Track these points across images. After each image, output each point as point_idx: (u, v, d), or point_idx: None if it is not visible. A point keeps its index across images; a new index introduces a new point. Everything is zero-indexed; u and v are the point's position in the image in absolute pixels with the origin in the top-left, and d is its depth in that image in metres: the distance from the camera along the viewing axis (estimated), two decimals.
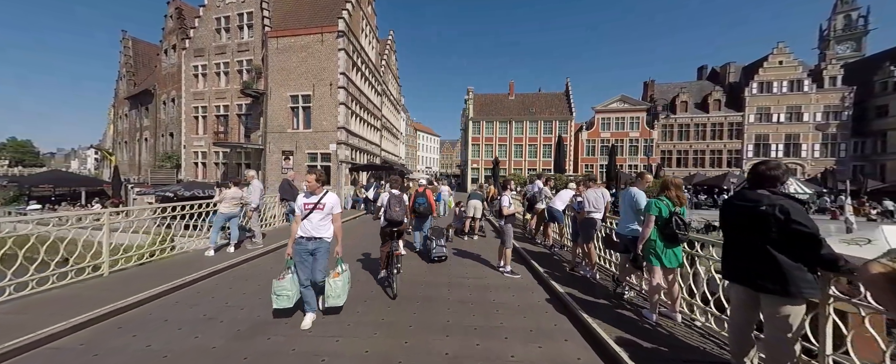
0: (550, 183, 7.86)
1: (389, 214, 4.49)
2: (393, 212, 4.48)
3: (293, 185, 9.10)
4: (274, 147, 15.36)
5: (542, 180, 8.43)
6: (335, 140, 14.79)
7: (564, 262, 5.79)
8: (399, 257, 4.35)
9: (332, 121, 14.79)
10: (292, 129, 15.27)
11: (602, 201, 4.83)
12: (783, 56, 32.91)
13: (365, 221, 11.33)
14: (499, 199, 5.59)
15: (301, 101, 15.16)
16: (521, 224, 10.07)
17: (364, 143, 18.66)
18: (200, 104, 18.43)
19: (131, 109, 26.54)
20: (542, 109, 37.31)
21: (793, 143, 32.51)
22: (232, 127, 17.73)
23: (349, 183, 15.77)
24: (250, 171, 6.55)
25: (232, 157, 17.94)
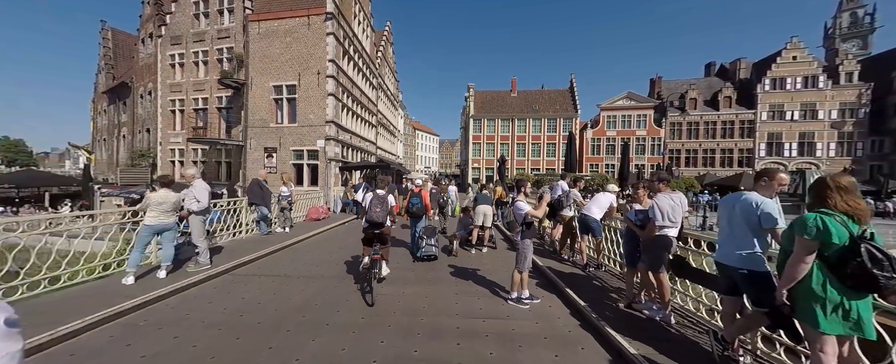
0: (580, 184, 6.33)
1: (369, 215, 4.21)
2: (372, 212, 4.19)
3: (265, 186, 7.58)
4: (255, 143, 13.82)
5: (568, 180, 6.94)
6: (323, 135, 13.25)
7: (610, 292, 4.29)
8: (376, 262, 4.02)
9: (319, 114, 13.26)
10: (276, 124, 13.73)
11: (679, 211, 3.33)
12: (797, 51, 31.61)
13: (354, 227, 9.83)
14: (512, 204, 4.11)
15: (285, 92, 13.62)
16: (538, 233, 8.60)
17: (357, 141, 17.10)
18: (177, 97, 16.84)
19: (110, 105, 24.90)
20: (546, 107, 35.89)
21: (807, 142, 31.23)
22: (211, 122, 16.16)
23: (340, 184, 14.24)
24: (190, 170, 5.01)
25: (211, 154, 16.36)
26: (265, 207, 7.40)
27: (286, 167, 13.66)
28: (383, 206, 4.27)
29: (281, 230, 8.24)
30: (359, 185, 11.86)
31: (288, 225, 8.33)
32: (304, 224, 9.77)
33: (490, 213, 6.97)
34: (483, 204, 6.96)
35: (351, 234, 8.98)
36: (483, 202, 7.00)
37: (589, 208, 5.28)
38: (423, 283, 4.76)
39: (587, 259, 5.37)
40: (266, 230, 7.63)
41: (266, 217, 7.53)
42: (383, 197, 4.35)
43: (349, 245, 7.40)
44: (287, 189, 8.23)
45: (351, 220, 11.34)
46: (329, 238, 8.24)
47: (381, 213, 4.22)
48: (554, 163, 34.76)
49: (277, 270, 5.28)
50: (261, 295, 4.19)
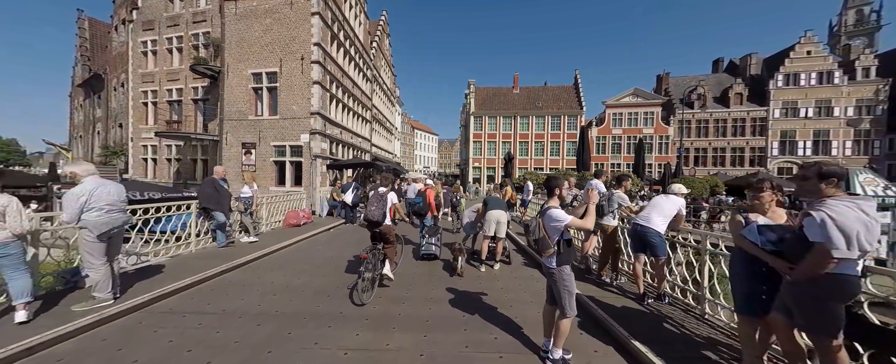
0: (626, 184, 4.86)
1: (366, 213, 4.17)
2: (369, 210, 4.14)
3: (222, 186, 6.07)
4: (232, 138, 12.29)
5: (605, 178, 5.47)
6: (308, 129, 11.73)
7: (698, 344, 2.81)
8: (364, 262, 3.81)
9: (303, 105, 11.75)
10: (255, 116, 12.21)
11: (877, 232, 1.86)
12: (811, 45, 30.34)
13: (339, 234, 8.34)
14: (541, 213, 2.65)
15: (266, 81, 12.10)
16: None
17: (349, 136, 15.58)
18: (150, 88, 15.28)
19: (85, 99, 23.27)
20: (550, 103, 34.47)
21: (822, 140, 29.95)
22: (187, 115, 14.61)
23: (328, 184, 12.73)
24: (73, 166, 3.49)
25: (186, 151, 14.81)
26: (221, 213, 5.90)
27: (266, 165, 12.13)
28: (380, 203, 4.13)
29: (247, 240, 6.74)
30: (348, 186, 10.37)
31: (253, 233, 6.83)
32: (279, 231, 8.27)
33: (504, 221, 5.50)
34: (495, 209, 5.49)
35: (334, 243, 7.48)
36: (494, 206, 5.53)
37: (648, 217, 3.80)
38: (418, 325, 3.28)
39: (645, 287, 3.90)
40: (223, 241, 6.13)
41: (223, 225, 6.03)
42: (382, 195, 4.20)
43: (329, 260, 5.90)
44: (248, 190, 6.72)
45: (338, 225, 9.83)
46: (305, 250, 6.74)
47: (377, 212, 4.10)
48: (558, 162, 33.35)
49: (218, 303, 3.78)
50: (175, 351, 2.71)
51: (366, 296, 3.71)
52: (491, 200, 5.71)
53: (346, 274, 5.12)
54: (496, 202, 5.67)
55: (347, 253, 6.50)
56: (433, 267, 5.71)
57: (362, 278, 3.73)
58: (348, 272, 5.20)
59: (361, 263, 3.86)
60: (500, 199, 5.85)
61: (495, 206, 5.57)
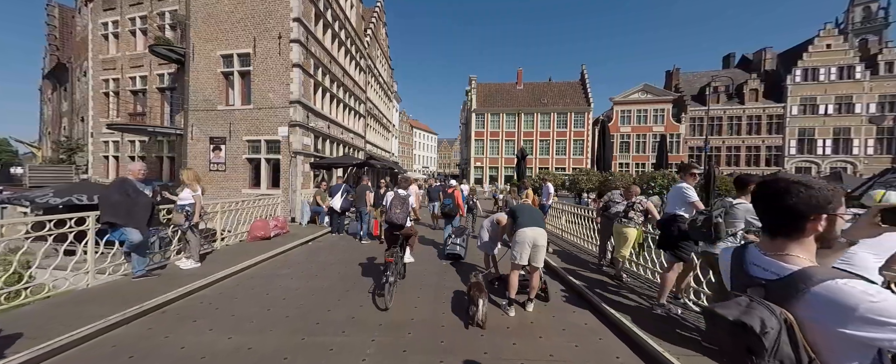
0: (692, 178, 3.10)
1: (388, 216, 4.20)
2: (392, 213, 4.16)
3: (139, 192, 4.28)
4: (198, 132, 10.46)
5: (694, 179, 3.71)
6: (287, 121, 9.92)
7: None
8: (389, 265, 3.82)
9: (282, 92, 9.94)
10: (225, 106, 10.38)
11: None
12: (831, 38, 28.85)
13: (318, 250, 6.49)
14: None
15: (237, 64, 10.27)
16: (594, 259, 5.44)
17: (339, 132, 13.77)
18: (112, 76, 13.41)
19: (53, 91, 21.31)
20: (555, 100, 32.81)
21: (842, 139, 28.46)
22: (152, 106, 12.75)
23: (312, 185, 10.93)
24: None
25: (152, 147, 12.95)
26: (135, 230, 4.10)
27: (238, 163, 10.30)
28: (404, 206, 4.19)
29: (186, 264, 4.94)
30: (336, 188, 8.58)
31: (194, 255, 5.02)
32: (238, 248, 6.45)
33: (543, 243, 3.73)
34: (530, 225, 3.72)
35: (308, 264, 5.60)
36: (529, 222, 3.75)
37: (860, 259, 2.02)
38: None
39: None
40: (141, 269, 4.32)
41: (140, 246, 4.23)
42: (405, 197, 4.27)
43: (292, 297, 4.07)
44: (189, 195, 4.91)
45: (320, 236, 8.02)
46: (263, 277, 4.92)
47: (401, 215, 4.13)
48: (564, 161, 31.69)
49: None
50: None
51: (389, 299, 3.73)
52: (523, 211, 3.94)
53: (319, 326, 3.34)
54: (530, 214, 3.90)
55: (323, 282, 4.72)
56: (441, 303, 3.97)
57: (388, 282, 3.74)
58: (324, 321, 3.42)
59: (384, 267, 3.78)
60: (534, 211, 4.07)
61: (530, 220, 3.79)
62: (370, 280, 4.82)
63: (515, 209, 4.02)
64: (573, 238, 7.43)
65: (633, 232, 4.58)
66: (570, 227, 7.67)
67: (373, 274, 5.11)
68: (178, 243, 5.32)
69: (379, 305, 3.78)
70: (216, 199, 9.99)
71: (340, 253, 6.53)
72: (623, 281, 4.70)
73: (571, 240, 7.50)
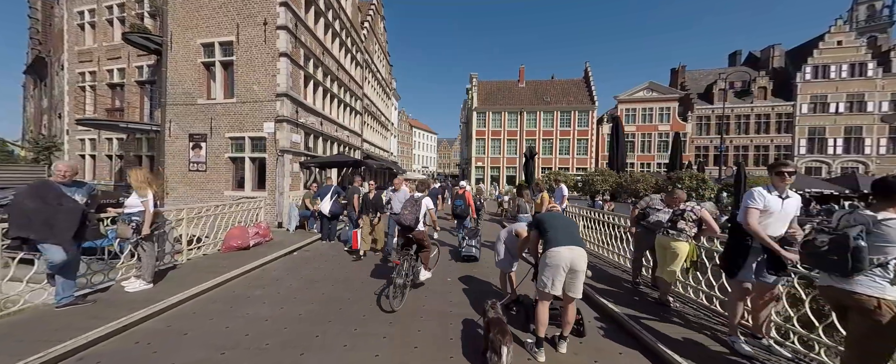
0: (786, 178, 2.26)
1: (399, 217, 4.12)
2: (402, 214, 4.07)
3: (67, 197, 3.36)
4: (177, 128, 9.54)
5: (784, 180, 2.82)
6: (273, 116, 9.01)
7: None
8: (397, 267, 3.76)
9: (267, 84, 9.02)
10: (206, 100, 9.46)
11: None
12: (842, 35, 28.08)
13: (304, 262, 5.56)
14: None
15: (219, 53, 9.35)
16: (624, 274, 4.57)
17: (333, 129, 12.86)
18: (88, 69, 12.47)
19: (36, 88, 20.33)
20: (559, 98, 31.96)
21: (854, 138, 27.69)
22: (130, 101, 11.81)
23: (303, 187, 10.02)
24: None
25: (130, 146, 12.02)
26: (57, 246, 3.19)
27: (220, 162, 9.37)
28: (414, 208, 4.08)
29: (133, 287, 4.03)
30: (325, 190, 7.67)
31: (146, 274, 4.11)
32: (209, 260, 5.54)
33: (583, 267, 2.82)
34: (564, 244, 2.82)
35: (289, 280, 4.61)
36: (563, 239, 2.85)
37: None
38: None
39: None
40: (67, 295, 3.41)
41: (65, 267, 3.32)
42: (417, 199, 4.18)
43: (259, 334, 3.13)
44: (136, 200, 4.01)
45: (307, 245, 7.11)
46: (229, 302, 3.97)
47: (410, 216, 4.03)
48: (568, 161, 30.84)
49: None
50: None
51: (396, 302, 3.63)
52: (554, 223, 3.03)
53: None
54: (564, 228, 2.99)
55: (302, 307, 3.82)
56: (449, 339, 3.10)
57: (394, 284, 3.66)
58: None
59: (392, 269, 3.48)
60: (568, 223, 3.15)
61: (565, 236, 2.89)
62: (361, 305, 3.93)
63: (543, 219, 3.12)
64: (593, 247, 6.55)
65: (685, 247, 3.69)
66: (589, 234, 6.78)
67: (366, 295, 4.22)
68: (133, 259, 4.40)
69: (383, 307, 3.68)
70: (194, 202, 9.09)
71: (329, 266, 5.63)
72: (671, 306, 3.82)
73: (592, 249, 6.62)
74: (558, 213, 3.30)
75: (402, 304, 3.73)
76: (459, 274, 5.21)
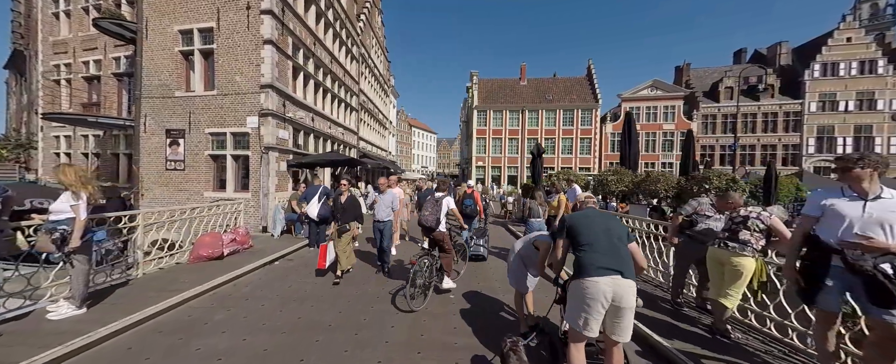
0: None
1: (420, 218, 4.10)
2: (422, 215, 4.04)
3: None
4: (154, 123, 8.73)
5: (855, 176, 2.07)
6: (257, 109, 8.21)
7: None
8: (413, 267, 3.58)
9: (251, 74, 8.23)
10: (184, 92, 8.66)
11: None
12: (852, 31, 27.43)
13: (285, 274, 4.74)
14: None
15: (198, 41, 8.55)
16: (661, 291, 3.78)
17: (326, 126, 12.06)
18: (63, 61, 11.65)
19: (17, 84, 19.46)
20: (561, 96, 31.23)
21: (864, 137, 27.03)
22: (107, 94, 10.99)
23: (290, 187, 9.22)
24: None
25: (107, 144, 11.20)
26: None
27: (199, 160, 8.56)
28: (435, 208, 4.01)
29: (62, 311, 3.24)
30: (312, 191, 6.85)
31: (78, 296, 3.31)
32: (174, 273, 4.75)
33: (631, 303, 2.01)
34: (607, 268, 2.01)
35: (270, 298, 3.66)
36: (606, 259, 2.05)
37: None
38: None
39: None
40: None
41: None
42: (438, 199, 4.10)
43: None
44: (64, 204, 3.21)
45: (291, 253, 6.31)
46: (184, 331, 3.08)
47: (431, 217, 3.97)
48: (571, 160, 30.10)
49: None
50: None
51: (415, 302, 3.58)
52: (588, 227, 2.22)
53: None
54: (603, 236, 2.17)
55: (272, 338, 3.01)
56: None
57: (413, 284, 3.58)
58: None
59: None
60: (609, 226, 2.30)
61: (605, 255, 2.08)
62: (345, 334, 3.15)
63: (576, 223, 2.29)
64: None
65: (751, 263, 2.92)
66: None
67: (350, 320, 3.44)
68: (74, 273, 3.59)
69: (401, 307, 3.64)
70: (172, 204, 8.28)
71: (311, 280, 4.84)
72: (731, 339, 3.04)
73: None
74: (596, 213, 2.45)
75: (422, 305, 3.65)
76: (463, 289, 4.43)
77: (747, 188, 6.50)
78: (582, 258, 2.13)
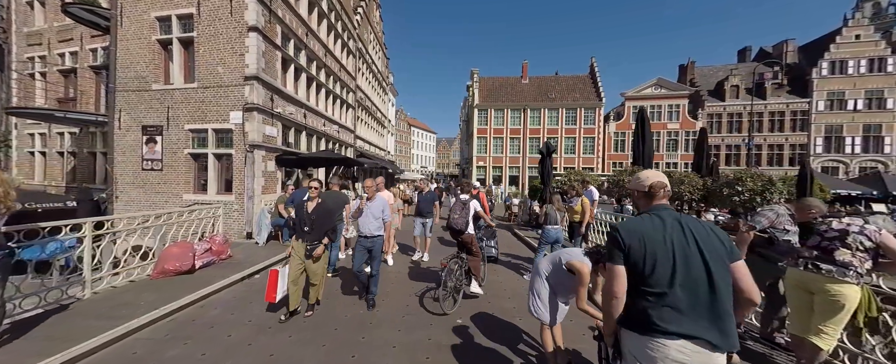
0: None
1: (449, 221, 4.02)
2: (452, 218, 3.99)
3: None
4: (128, 119, 7.99)
5: None
6: (241, 104, 7.48)
7: None
8: (445, 268, 3.57)
9: (235, 65, 7.50)
10: (162, 85, 7.92)
11: None
12: (860, 29, 26.86)
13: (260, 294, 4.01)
14: None
15: (176, 29, 7.81)
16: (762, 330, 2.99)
17: (320, 123, 11.32)
18: (37, 53, 10.88)
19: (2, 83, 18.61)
20: (563, 95, 30.56)
21: (873, 136, 26.46)
22: (82, 90, 10.23)
23: (279, 189, 8.49)
24: None
25: (83, 142, 10.44)
26: None
27: (179, 159, 7.82)
28: (464, 211, 3.98)
29: None
30: (301, 193, 6.11)
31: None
32: (132, 291, 4.02)
33: None
34: (690, 327, 1.23)
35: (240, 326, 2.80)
36: (690, 307, 1.25)
37: None
38: None
39: None
40: None
41: None
42: (466, 202, 4.08)
43: None
44: None
45: (282, 260, 5.60)
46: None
47: (460, 220, 3.93)
48: (574, 160, 29.43)
49: None
50: None
51: (447, 305, 3.56)
52: (658, 244, 1.35)
53: None
54: (685, 264, 1.40)
55: None
56: None
57: (445, 287, 3.55)
58: None
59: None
60: (697, 239, 1.35)
61: (686, 316, 1.26)
62: None
63: (635, 245, 1.39)
64: None
65: (855, 293, 2.21)
66: None
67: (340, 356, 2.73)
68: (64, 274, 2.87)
69: (432, 310, 3.61)
70: (148, 208, 7.54)
71: None
72: None
73: None
74: (671, 219, 1.43)
75: (454, 308, 3.58)
76: (472, 310, 3.71)
77: (785, 190, 5.80)
78: (645, 308, 1.34)
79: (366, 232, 3.74)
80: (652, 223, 1.42)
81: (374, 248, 3.72)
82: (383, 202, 3.84)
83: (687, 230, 1.38)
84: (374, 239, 3.72)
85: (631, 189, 1.64)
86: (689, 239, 1.36)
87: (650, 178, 1.55)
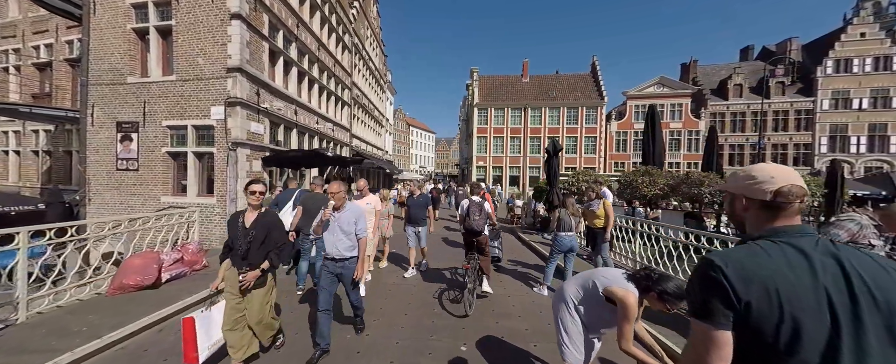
0: None
1: (467, 223, 3.99)
2: (471, 220, 3.94)
3: None
4: (103, 115, 7.38)
5: None
6: (223, 97, 6.88)
7: None
8: (468, 271, 3.76)
9: (216, 55, 6.90)
10: (138, 78, 7.32)
11: None
12: (866, 27, 26.51)
13: None
14: None
15: (154, 17, 7.21)
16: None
17: (312, 120, 10.72)
18: (11, 45, 10.23)
19: None
20: (565, 93, 30.07)
21: (878, 136, 26.09)
22: (58, 84, 9.59)
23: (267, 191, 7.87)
24: None
25: (60, 140, 9.79)
26: None
27: (155, 158, 7.21)
28: (482, 212, 3.97)
29: None
30: (287, 195, 5.48)
31: None
32: (79, 314, 3.41)
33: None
34: None
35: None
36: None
37: None
38: None
39: None
40: None
41: None
42: (480, 203, 4.03)
43: None
44: None
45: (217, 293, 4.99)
46: None
47: (481, 222, 3.93)
48: (575, 160, 28.92)
49: None
50: None
51: (469, 306, 3.61)
52: (787, 302, 0.69)
53: None
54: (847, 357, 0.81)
55: None
56: None
57: (469, 290, 3.66)
58: None
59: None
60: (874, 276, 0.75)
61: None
62: None
63: (758, 301, 0.69)
64: None
65: None
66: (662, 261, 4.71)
67: None
68: None
69: (456, 313, 3.65)
70: (123, 211, 6.92)
71: None
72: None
73: None
74: (824, 247, 0.79)
75: (473, 309, 3.63)
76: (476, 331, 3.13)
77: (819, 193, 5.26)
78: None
79: (333, 253, 2.75)
80: (787, 260, 0.78)
81: (343, 273, 2.78)
82: (357, 212, 2.82)
83: (854, 273, 0.75)
84: (343, 263, 2.76)
85: (736, 192, 0.94)
86: (858, 289, 0.74)
87: (777, 177, 0.86)
